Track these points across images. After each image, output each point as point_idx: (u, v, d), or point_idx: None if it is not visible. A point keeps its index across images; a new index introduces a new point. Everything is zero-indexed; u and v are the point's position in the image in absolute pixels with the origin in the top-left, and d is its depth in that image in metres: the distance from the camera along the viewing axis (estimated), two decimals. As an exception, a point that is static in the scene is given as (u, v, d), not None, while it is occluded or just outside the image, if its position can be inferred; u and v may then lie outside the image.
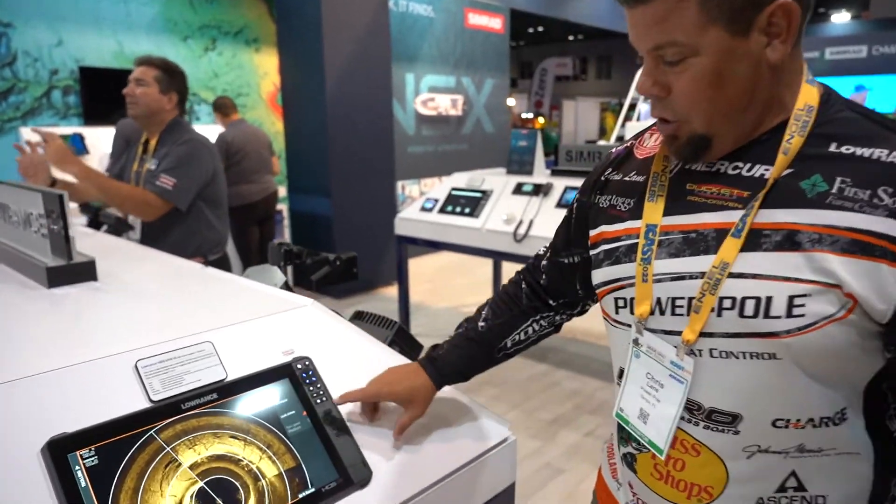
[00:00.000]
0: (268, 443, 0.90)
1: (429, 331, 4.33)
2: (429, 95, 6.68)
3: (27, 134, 4.08)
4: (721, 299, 0.71)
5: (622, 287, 0.82)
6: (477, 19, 7.09)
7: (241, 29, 5.18)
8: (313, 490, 0.89)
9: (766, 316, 0.69)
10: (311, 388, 0.99)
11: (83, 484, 0.75)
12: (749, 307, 0.70)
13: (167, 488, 0.80)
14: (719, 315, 0.72)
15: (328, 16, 4.91)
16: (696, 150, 0.76)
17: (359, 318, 1.30)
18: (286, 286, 1.32)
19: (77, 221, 2.23)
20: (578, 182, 3.26)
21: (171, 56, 4.59)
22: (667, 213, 0.79)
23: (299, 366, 1.00)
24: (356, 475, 0.93)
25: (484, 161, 6.68)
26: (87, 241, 1.85)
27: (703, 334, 0.73)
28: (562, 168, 3.78)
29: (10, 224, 1.54)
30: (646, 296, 0.79)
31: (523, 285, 1.04)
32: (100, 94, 4.31)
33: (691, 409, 0.77)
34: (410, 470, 0.98)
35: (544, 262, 1.02)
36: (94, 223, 2.24)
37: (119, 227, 2.20)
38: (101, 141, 4.22)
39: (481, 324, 1.02)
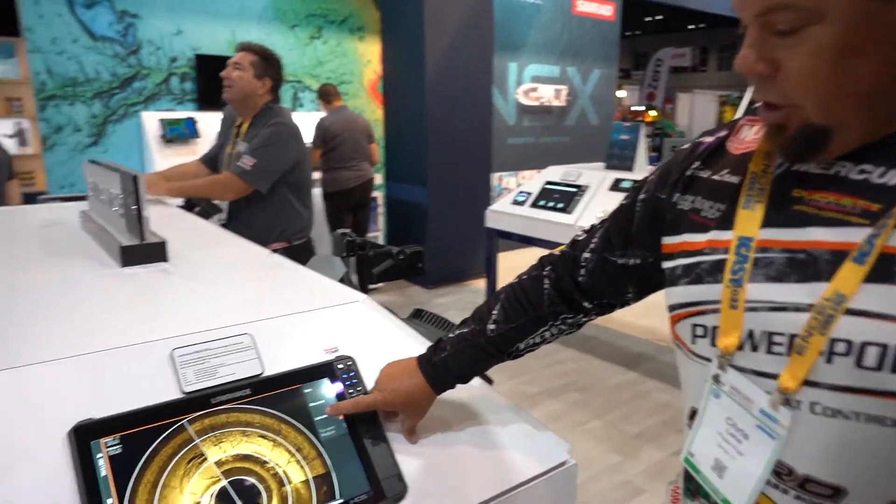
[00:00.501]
0: (298, 446, 0.85)
1: (515, 327, 4.21)
2: (531, 85, 6.51)
3: (147, 117, 4.37)
4: (833, 342, 0.56)
5: (703, 312, 0.68)
6: (586, 6, 6.81)
7: (347, 17, 5.27)
8: (341, 501, 0.83)
9: (894, 370, 0.54)
10: (351, 391, 0.93)
11: (103, 473, 0.73)
12: (870, 356, 0.55)
13: (187, 485, 0.77)
14: (829, 361, 0.57)
15: (431, 3, 4.89)
16: (809, 145, 0.60)
17: (417, 317, 1.24)
18: (346, 278, 1.27)
19: (173, 202, 2.33)
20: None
21: (279, 44, 4.76)
22: (766, 224, 0.64)
23: (340, 366, 0.95)
24: (389, 489, 0.86)
25: (587, 154, 6.44)
26: (169, 223, 1.91)
27: (806, 382, 0.59)
28: (666, 164, 3.53)
29: (100, 202, 1.61)
30: (734, 326, 0.64)
31: (546, 284, 0.87)
32: (213, 80, 4.52)
33: (780, 473, 0.63)
34: (450, 489, 0.90)
35: (587, 256, 0.85)
36: (188, 205, 2.33)
37: (209, 210, 2.27)
38: (211, 125, 4.44)
39: (491, 327, 0.89)
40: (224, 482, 0.79)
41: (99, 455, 0.74)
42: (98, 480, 0.73)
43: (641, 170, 3.62)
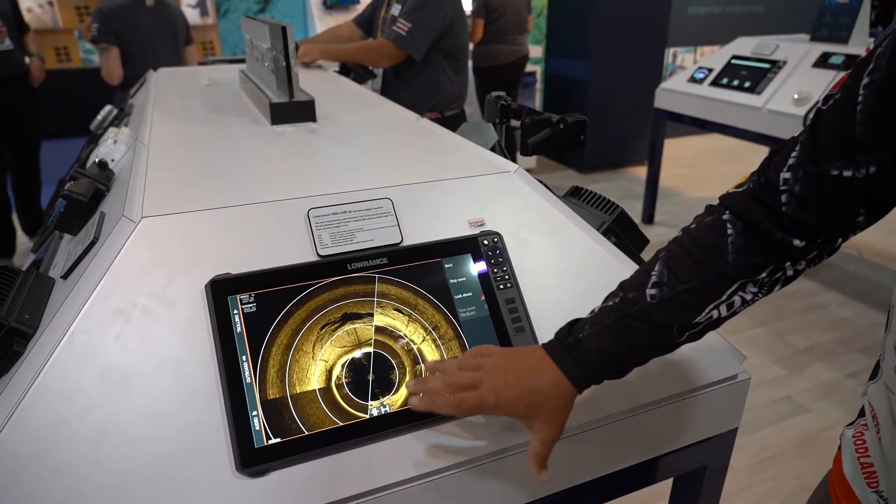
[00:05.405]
0: (435, 324, 0.78)
1: (674, 220, 3.89)
2: (725, -58, 5.57)
3: None
4: None
5: None
6: None
7: None
8: (478, 387, 0.76)
9: None
10: (496, 270, 0.83)
11: (238, 329, 0.71)
12: None
13: (319, 352, 0.73)
14: None
15: None
16: None
17: (575, 195, 1.09)
18: (498, 147, 1.14)
19: (330, 67, 2.29)
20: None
21: None
22: None
23: (486, 241, 0.85)
24: (531, 381, 0.78)
25: (784, 29, 5.51)
26: (322, 85, 1.87)
27: None
28: (894, 36, 2.87)
29: (253, 59, 1.58)
30: None
31: (729, 229, 0.62)
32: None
33: None
34: (603, 390, 0.79)
35: (787, 176, 0.58)
36: (344, 69, 2.28)
37: (363, 75, 2.21)
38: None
39: (651, 291, 0.63)
40: (357, 354, 0.74)
41: (235, 311, 0.72)
42: (234, 337, 0.71)
43: (859, 43, 2.98)
